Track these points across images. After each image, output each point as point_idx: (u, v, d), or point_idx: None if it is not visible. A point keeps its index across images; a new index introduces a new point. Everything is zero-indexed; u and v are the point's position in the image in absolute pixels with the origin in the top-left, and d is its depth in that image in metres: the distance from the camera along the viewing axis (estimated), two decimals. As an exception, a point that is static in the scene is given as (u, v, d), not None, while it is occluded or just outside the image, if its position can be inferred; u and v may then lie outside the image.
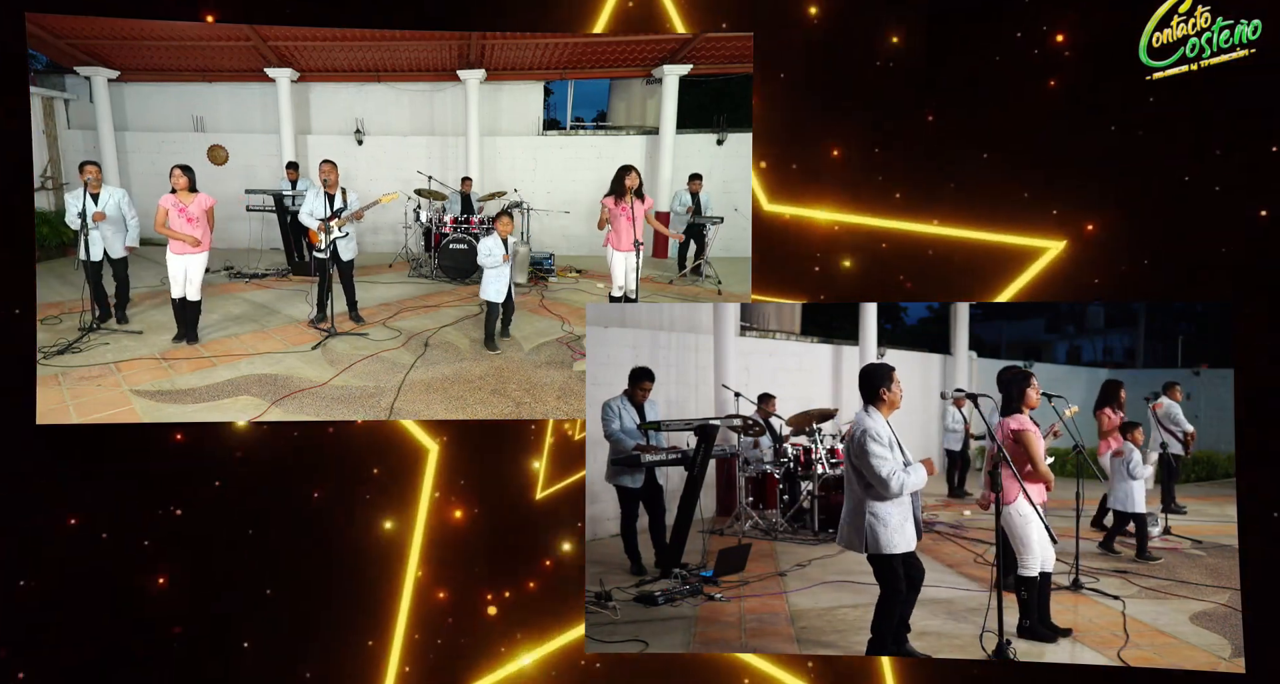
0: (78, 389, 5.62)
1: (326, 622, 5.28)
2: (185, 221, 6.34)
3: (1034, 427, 4.42)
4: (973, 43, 5.43)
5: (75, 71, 8.84)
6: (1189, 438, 6.85)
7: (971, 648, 4.32)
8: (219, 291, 7.86)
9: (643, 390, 5.67)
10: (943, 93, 5.46)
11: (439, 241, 8.59)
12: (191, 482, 5.26)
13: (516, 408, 5.66)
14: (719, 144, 9.56)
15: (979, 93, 5.42)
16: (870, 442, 3.95)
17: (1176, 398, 6.95)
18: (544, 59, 9.18)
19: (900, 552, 3.99)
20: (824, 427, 7.46)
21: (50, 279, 6.79)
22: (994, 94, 5.40)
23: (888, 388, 4.08)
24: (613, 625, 4.86)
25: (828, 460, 7.14)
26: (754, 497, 7.21)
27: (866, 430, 3.98)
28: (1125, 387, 6.61)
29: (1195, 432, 6.87)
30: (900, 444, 4.07)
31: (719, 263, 8.19)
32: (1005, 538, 4.34)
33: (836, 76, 5.50)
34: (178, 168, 6.39)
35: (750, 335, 8.96)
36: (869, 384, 4.10)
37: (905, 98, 5.47)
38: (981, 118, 5.40)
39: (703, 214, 8.52)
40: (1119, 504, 6.17)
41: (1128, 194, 5.24)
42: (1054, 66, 5.36)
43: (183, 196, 6.36)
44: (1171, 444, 6.88)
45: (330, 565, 5.31)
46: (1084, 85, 5.34)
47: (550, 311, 7.71)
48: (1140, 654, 4.42)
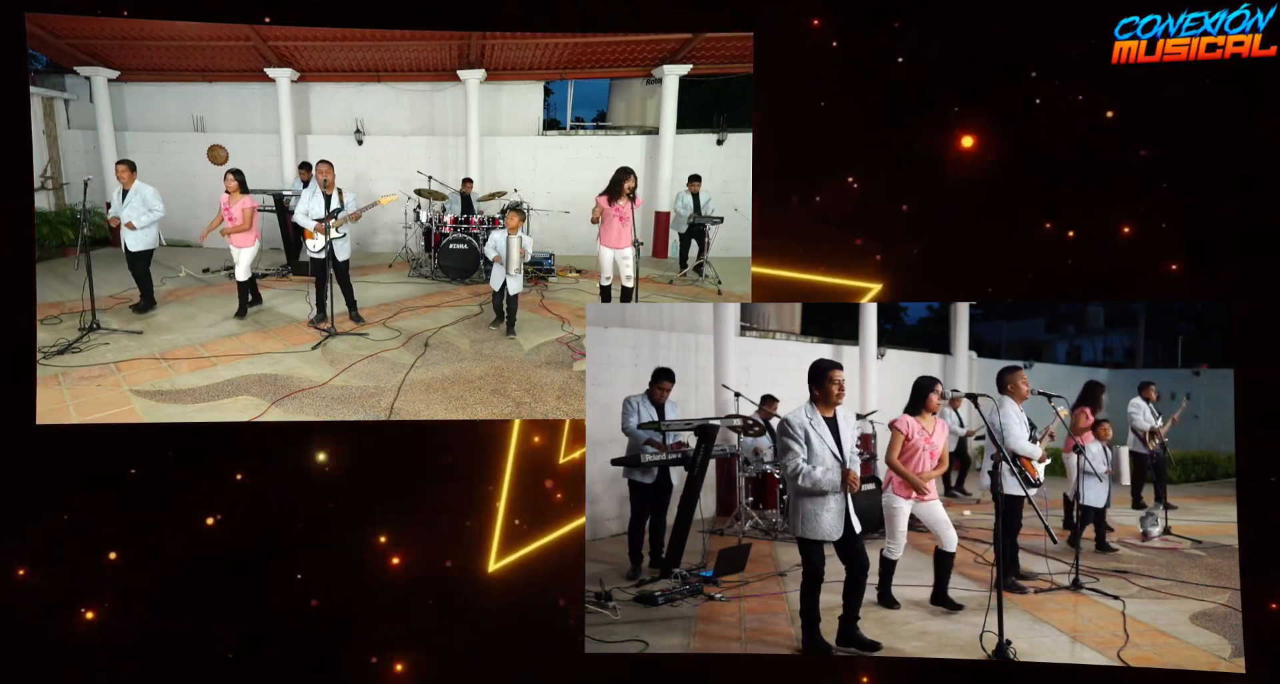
0: (78, 389, 5.62)
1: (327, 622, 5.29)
2: (226, 220, 7.07)
3: (912, 428, 4.68)
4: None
5: (75, 71, 8.84)
6: (1147, 436, 6.79)
7: (971, 648, 4.32)
8: (219, 291, 7.86)
9: (661, 390, 5.71)
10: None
11: (439, 242, 8.59)
12: (192, 481, 5.26)
13: (516, 408, 5.66)
14: (719, 144, 9.56)
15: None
16: (782, 434, 4.29)
17: (1150, 397, 6.92)
18: (544, 59, 9.17)
19: (815, 539, 4.22)
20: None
21: (50, 279, 6.78)
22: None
23: (819, 385, 4.27)
24: (613, 625, 4.86)
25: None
26: (754, 497, 7.21)
27: (785, 421, 4.31)
28: (1108, 389, 6.58)
29: (1161, 428, 6.82)
30: (838, 439, 4.23)
31: (719, 263, 8.19)
32: (1004, 538, 4.35)
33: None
34: (229, 172, 7.11)
35: (750, 335, 8.96)
36: (808, 378, 4.33)
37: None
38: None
39: (703, 214, 8.52)
40: (1077, 499, 6.15)
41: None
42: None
43: (233, 197, 7.03)
44: (1134, 443, 6.87)
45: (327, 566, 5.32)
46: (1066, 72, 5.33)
47: (550, 311, 7.71)
48: (1140, 654, 4.43)
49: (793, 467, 4.20)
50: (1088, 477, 6.05)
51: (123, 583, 5.20)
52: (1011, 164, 5.41)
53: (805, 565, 4.30)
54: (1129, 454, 6.73)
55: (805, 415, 4.26)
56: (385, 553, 5.38)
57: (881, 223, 5.50)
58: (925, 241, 5.47)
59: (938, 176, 5.47)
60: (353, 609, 5.33)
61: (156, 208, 6.88)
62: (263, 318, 7.26)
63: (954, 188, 5.45)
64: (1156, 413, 6.90)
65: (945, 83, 5.45)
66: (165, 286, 7.85)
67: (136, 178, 6.84)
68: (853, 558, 4.31)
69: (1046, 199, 5.40)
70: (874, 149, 5.51)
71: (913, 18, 5.42)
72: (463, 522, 5.42)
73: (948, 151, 5.46)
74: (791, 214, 5.54)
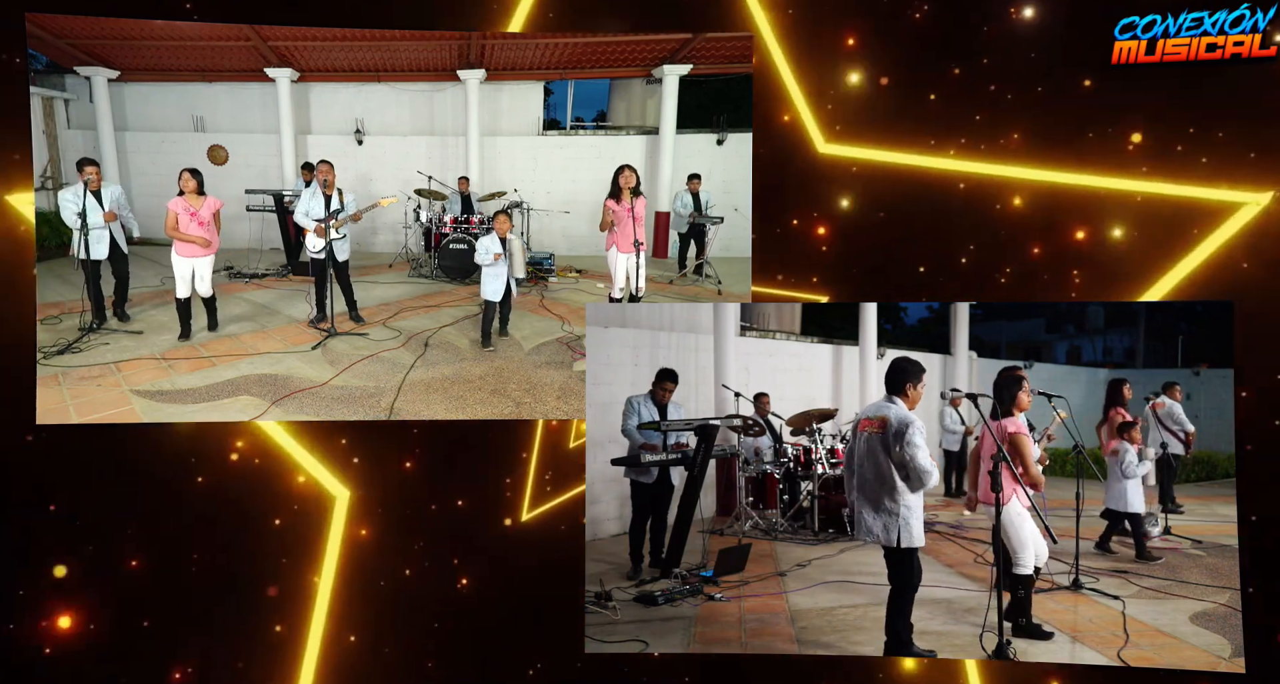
0: (78, 389, 5.62)
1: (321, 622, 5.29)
2: (196, 224, 6.44)
3: (1027, 430, 4.45)
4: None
5: (75, 71, 8.85)
6: (1189, 437, 6.86)
7: (971, 648, 4.32)
8: (220, 291, 7.85)
9: (663, 390, 5.72)
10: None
11: (439, 242, 8.59)
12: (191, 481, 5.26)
13: (516, 408, 5.67)
14: (719, 144, 9.56)
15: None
16: (915, 433, 4.04)
17: (1177, 397, 6.96)
18: (544, 59, 9.18)
19: (920, 546, 4.11)
20: (824, 427, 7.46)
21: (50, 279, 6.77)
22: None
23: (914, 384, 4.18)
24: (613, 625, 4.86)
25: (828, 460, 7.14)
26: (754, 497, 7.21)
27: (911, 422, 4.06)
28: (1127, 385, 6.62)
29: (1195, 431, 6.88)
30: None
31: (719, 263, 8.19)
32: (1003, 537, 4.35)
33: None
34: (186, 171, 6.45)
35: (750, 335, 8.97)
36: (897, 378, 4.20)
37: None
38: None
39: (703, 214, 8.52)
40: (1113, 503, 6.18)
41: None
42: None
43: (192, 199, 6.44)
44: (1172, 443, 6.89)
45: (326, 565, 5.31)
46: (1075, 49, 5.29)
47: (550, 311, 7.71)
48: (1140, 654, 4.43)
49: (931, 465, 4.04)
50: (1125, 482, 6.09)
51: (123, 583, 5.20)
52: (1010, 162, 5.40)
53: (909, 576, 4.12)
54: (1164, 456, 6.79)
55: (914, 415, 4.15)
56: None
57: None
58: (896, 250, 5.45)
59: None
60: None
61: (128, 210, 6.66)
62: (263, 318, 7.25)
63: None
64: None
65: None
66: (165, 286, 7.85)
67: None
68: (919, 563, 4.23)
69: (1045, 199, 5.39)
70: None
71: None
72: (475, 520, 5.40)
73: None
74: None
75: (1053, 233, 5.35)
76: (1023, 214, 5.36)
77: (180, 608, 5.23)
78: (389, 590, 5.32)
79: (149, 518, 5.22)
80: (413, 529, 5.36)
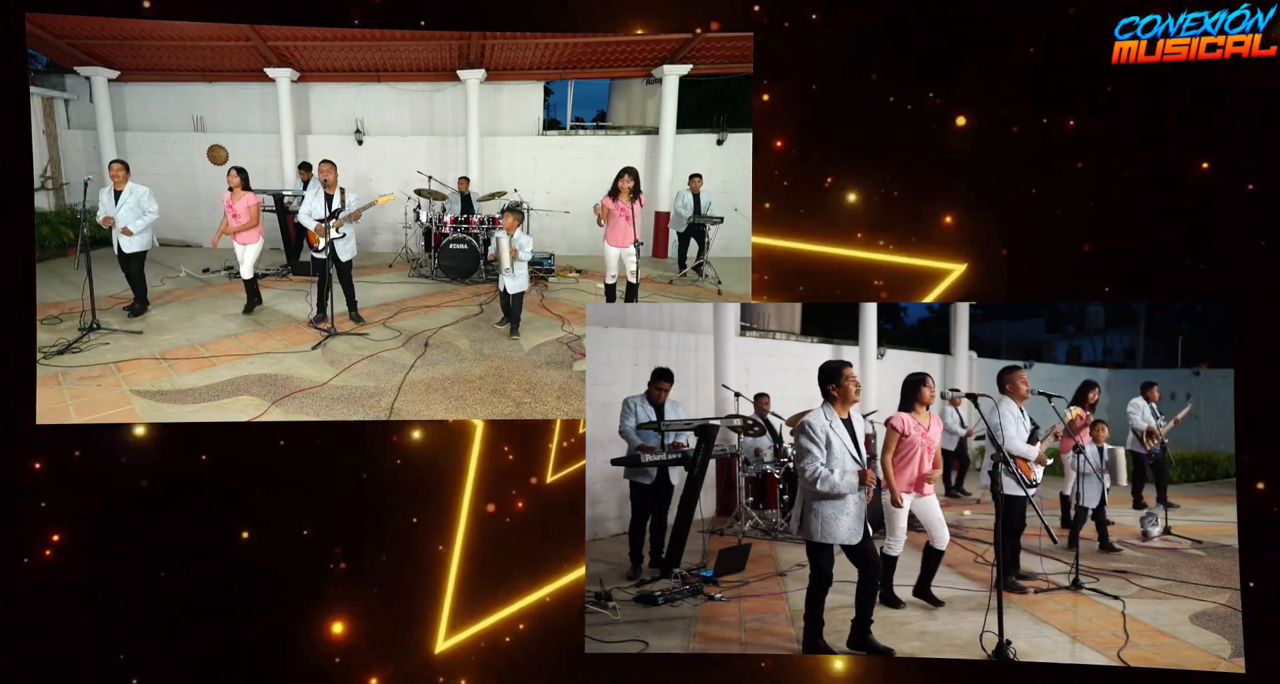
0: (78, 389, 5.62)
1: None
2: (231, 217, 7.09)
3: (907, 429, 4.66)
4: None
5: (75, 71, 8.84)
6: (1144, 436, 6.78)
7: (971, 648, 4.32)
8: (220, 291, 7.87)
9: (659, 390, 5.71)
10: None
11: (439, 242, 8.59)
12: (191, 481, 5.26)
13: (516, 408, 5.67)
14: (719, 144, 9.56)
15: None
16: (802, 437, 4.16)
17: (1153, 398, 6.92)
18: (544, 59, 9.17)
19: (829, 542, 4.16)
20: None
21: (50, 279, 6.79)
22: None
23: (836, 384, 4.20)
24: (613, 625, 4.86)
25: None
26: (754, 497, 7.21)
27: (805, 423, 4.17)
28: (1101, 388, 6.57)
29: (1161, 428, 6.82)
30: (854, 441, 4.20)
31: (719, 263, 8.19)
32: (1005, 538, 4.35)
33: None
34: (233, 169, 7.08)
35: (750, 335, 8.96)
36: (820, 379, 4.27)
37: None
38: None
39: (703, 214, 8.52)
40: (1075, 499, 6.15)
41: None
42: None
43: (236, 195, 7.04)
44: (1132, 443, 6.86)
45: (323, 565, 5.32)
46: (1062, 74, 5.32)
47: (550, 311, 7.71)
48: (1140, 654, 4.43)
49: (812, 470, 4.08)
50: (1085, 477, 6.05)
51: (122, 582, 5.20)
52: (1010, 161, 5.41)
53: (814, 570, 4.21)
54: (1126, 454, 6.74)
55: (825, 418, 4.19)
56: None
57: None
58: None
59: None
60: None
61: (151, 209, 6.72)
62: (263, 318, 7.26)
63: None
64: (1158, 413, 6.90)
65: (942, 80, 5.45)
66: (164, 286, 7.86)
67: (130, 178, 6.67)
68: (866, 560, 4.25)
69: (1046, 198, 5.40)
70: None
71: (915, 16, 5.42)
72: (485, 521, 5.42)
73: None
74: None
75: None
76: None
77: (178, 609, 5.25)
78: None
79: (149, 518, 5.24)
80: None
